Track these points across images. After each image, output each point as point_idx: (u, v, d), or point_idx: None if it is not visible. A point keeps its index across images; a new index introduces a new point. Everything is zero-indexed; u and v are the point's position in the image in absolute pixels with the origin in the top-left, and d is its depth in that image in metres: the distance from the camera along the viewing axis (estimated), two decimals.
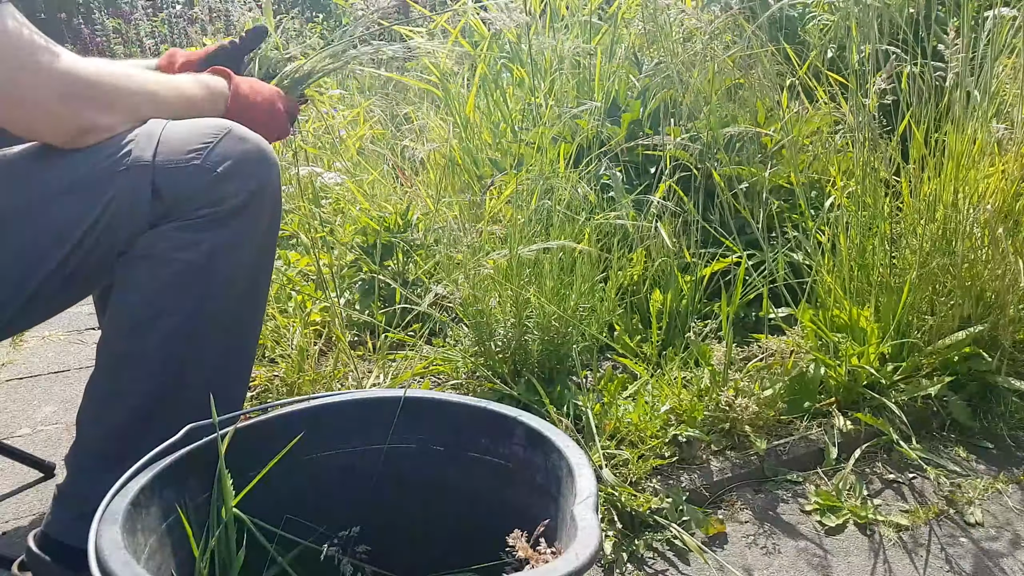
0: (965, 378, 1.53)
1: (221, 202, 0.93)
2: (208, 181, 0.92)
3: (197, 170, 0.92)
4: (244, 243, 0.97)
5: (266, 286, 1.08)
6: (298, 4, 5.86)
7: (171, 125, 0.95)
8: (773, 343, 1.64)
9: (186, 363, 0.95)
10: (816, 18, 2.16)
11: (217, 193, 0.93)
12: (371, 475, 0.96)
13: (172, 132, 0.94)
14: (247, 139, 0.96)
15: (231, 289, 0.98)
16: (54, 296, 0.95)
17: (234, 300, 0.99)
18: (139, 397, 0.95)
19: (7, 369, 1.92)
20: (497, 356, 1.53)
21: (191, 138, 0.93)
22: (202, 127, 0.95)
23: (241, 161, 0.94)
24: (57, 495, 1.01)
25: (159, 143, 0.92)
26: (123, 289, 0.95)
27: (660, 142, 1.68)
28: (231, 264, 0.96)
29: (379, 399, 0.97)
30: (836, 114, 1.61)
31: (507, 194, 1.72)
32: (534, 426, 0.89)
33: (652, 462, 1.32)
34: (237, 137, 0.95)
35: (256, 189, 0.95)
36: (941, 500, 1.32)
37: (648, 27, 2.05)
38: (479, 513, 0.94)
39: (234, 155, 0.94)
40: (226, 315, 0.98)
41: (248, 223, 0.96)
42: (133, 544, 0.71)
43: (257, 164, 0.96)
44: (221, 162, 0.93)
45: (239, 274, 0.98)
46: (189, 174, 0.92)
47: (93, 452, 0.98)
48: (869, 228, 1.57)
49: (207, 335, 0.96)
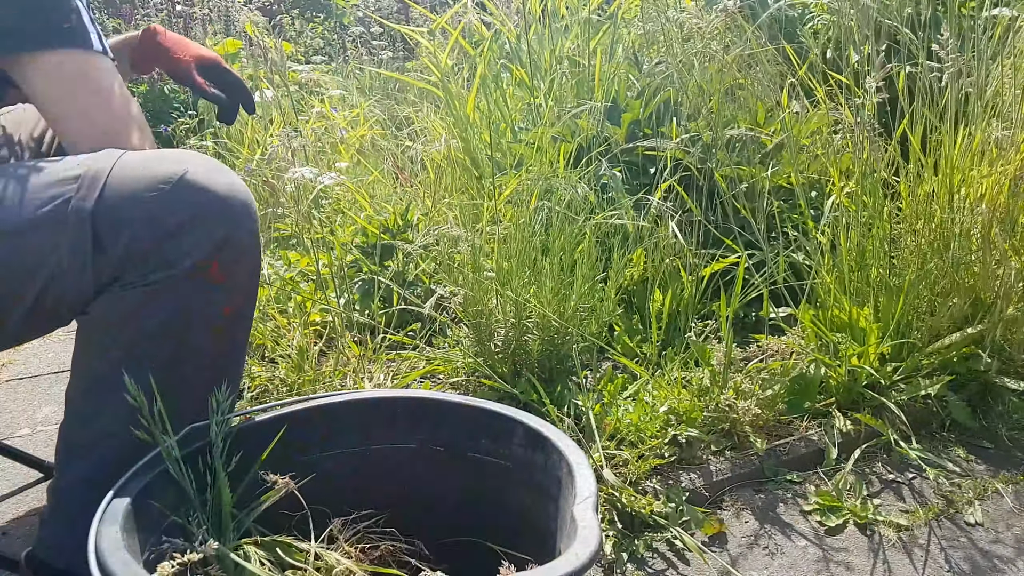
0: (965, 378, 1.53)
1: (176, 263, 0.80)
2: (159, 236, 0.80)
3: (145, 224, 0.79)
4: (210, 307, 0.85)
5: (244, 340, 0.95)
6: (298, 4, 5.86)
7: (121, 162, 0.82)
8: (773, 343, 1.64)
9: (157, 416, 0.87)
10: (814, 19, 2.16)
11: (171, 252, 0.80)
12: (371, 475, 0.96)
13: (120, 172, 0.81)
14: (204, 186, 0.82)
15: (196, 358, 0.87)
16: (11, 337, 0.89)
17: (202, 365, 0.88)
18: (112, 446, 0.87)
19: (7, 369, 1.92)
20: (497, 356, 1.53)
21: (141, 182, 0.80)
22: (155, 167, 0.82)
23: (199, 214, 0.81)
24: (43, 520, 0.96)
25: (104, 186, 0.80)
26: (82, 352, 0.88)
27: (660, 144, 1.68)
28: (193, 334, 0.85)
29: (379, 399, 0.97)
30: (835, 114, 1.61)
31: (507, 194, 1.72)
32: (534, 426, 0.89)
33: (652, 462, 1.32)
34: (192, 183, 0.81)
35: (219, 243, 0.82)
36: (941, 500, 1.32)
37: (648, 27, 2.05)
38: (479, 513, 0.94)
39: (191, 205, 0.81)
40: (190, 389, 0.88)
41: (210, 284, 0.83)
42: (133, 544, 0.71)
43: (220, 215, 0.82)
44: (173, 214, 0.80)
45: (205, 342, 0.87)
46: (137, 228, 0.79)
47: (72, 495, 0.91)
48: (869, 228, 1.57)
49: (177, 394, 0.86)
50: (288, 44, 3.98)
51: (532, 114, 2.14)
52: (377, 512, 0.89)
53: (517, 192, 1.60)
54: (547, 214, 1.58)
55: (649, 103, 1.99)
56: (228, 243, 0.83)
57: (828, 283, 1.57)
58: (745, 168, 1.81)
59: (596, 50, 2.15)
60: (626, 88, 2.13)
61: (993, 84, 1.51)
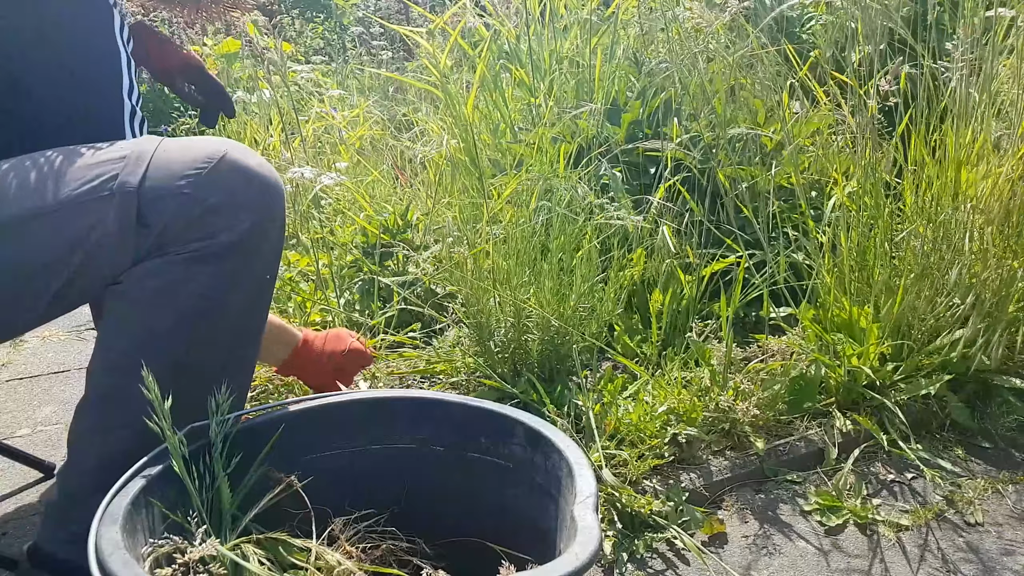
0: (964, 378, 1.53)
1: (213, 236, 0.85)
2: (199, 212, 0.85)
3: (187, 199, 0.84)
4: (240, 281, 0.90)
5: (263, 320, 1.00)
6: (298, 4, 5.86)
7: (164, 145, 0.89)
8: (773, 343, 1.64)
9: (176, 399, 0.88)
10: (814, 19, 2.16)
11: (209, 226, 0.85)
12: (371, 475, 0.96)
13: (164, 154, 0.87)
14: (244, 167, 0.88)
15: (224, 329, 0.92)
16: (40, 316, 0.91)
17: (227, 339, 0.93)
18: (127, 434, 0.89)
19: (7, 369, 1.92)
20: (497, 356, 1.53)
21: (183, 163, 0.86)
22: (196, 150, 0.88)
23: (236, 192, 0.87)
24: (47, 513, 0.97)
25: (149, 166, 0.85)
26: (111, 326, 0.90)
27: (660, 144, 1.68)
28: (225, 303, 0.89)
29: (379, 399, 0.97)
30: (836, 114, 1.61)
31: (507, 194, 1.72)
32: (534, 426, 0.89)
33: (652, 462, 1.32)
34: (232, 163, 0.87)
35: (254, 222, 0.88)
36: (941, 500, 1.32)
37: (647, 27, 2.05)
38: (479, 513, 0.94)
39: (228, 185, 0.86)
40: (219, 354, 0.92)
41: (244, 259, 0.88)
42: (133, 544, 0.71)
43: (256, 195, 0.88)
44: (213, 192, 0.85)
45: (233, 313, 0.91)
46: (179, 203, 0.84)
47: (82, 481, 0.93)
48: (869, 228, 1.57)
49: (198, 374, 0.90)
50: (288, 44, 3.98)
51: (532, 114, 2.14)
52: (378, 512, 0.89)
53: (517, 192, 1.60)
54: (547, 214, 1.58)
55: (649, 103, 1.99)
56: (262, 219, 0.89)
57: (828, 283, 1.57)
58: (746, 168, 1.81)
59: (596, 50, 2.15)
60: (626, 88, 2.13)
61: (993, 84, 1.51)
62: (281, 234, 0.94)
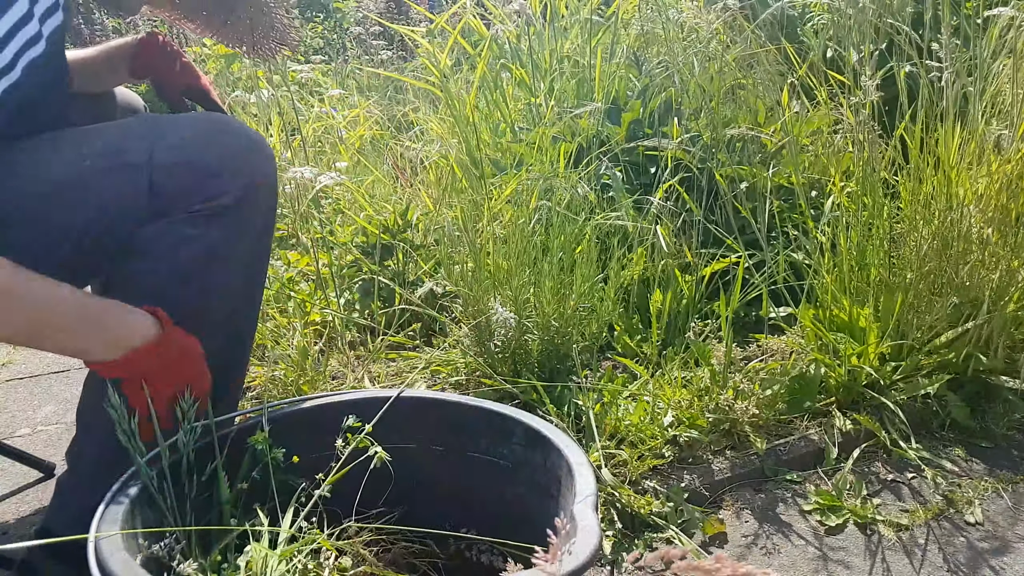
0: (964, 378, 1.53)
1: (217, 198, 0.94)
2: (203, 177, 0.93)
3: (192, 167, 0.93)
4: (241, 237, 0.98)
5: (262, 280, 1.09)
6: (298, 4, 5.86)
7: (167, 120, 0.98)
8: (773, 343, 1.64)
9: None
10: (814, 18, 2.16)
11: (212, 189, 0.94)
12: (372, 475, 0.96)
13: (169, 128, 0.95)
14: (240, 133, 0.98)
15: (229, 284, 0.99)
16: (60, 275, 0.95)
17: (232, 295, 1.00)
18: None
19: (7, 369, 1.92)
20: (497, 356, 1.53)
21: (187, 134, 0.95)
22: (200, 124, 0.97)
23: (235, 156, 0.96)
24: (57, 490, 1.01)
25: (156, 140, 0.93)
26: (122, 287, 0.95)
27: (660, 144, 1.68)
28: (229, 258, 0.97)
29: (379, 399, 0.97)
30: (836, 114, 1.61)
31: (507, 193, 1.72)
32: (534, 426, 0.89)
33: (651, 462, 1.32)
34: (232, 132, 0.97)
35: (249, 183, 0.97)
36: (940, 500, 1.32)
37: (647, 27, 2.05)
38: (478, 513, 0.94)
39: (229, 151, 0.96)
40: (224, 310, 0.99)
41: (244, 217, 0.97)
42: (133, 544, 0.71)
43: (250, 159, 0.98)
44: (216, 158, 0.94)
45: (236, 268, 1.00)
46: (185, 171, 0.93)
47: (91, 455, 0.99)
48: (869, 228, 1.57)
49: (206, 332, 0.95)
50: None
51: (532, 114, 2.14)
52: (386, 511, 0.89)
53: (517, 192, 1.60)
54: (547, 214, 1.58)
55: (649, 103, 1.99)
56: (258, 181, 0.98)
57: (828, 283, 1.57)
58: (746, 168, 1.81)
59: (596, 50, 2.15)
60: (626, 88, 2.13)
61: (994, 84, 1.51)
62: (273, 194, 1.04)
